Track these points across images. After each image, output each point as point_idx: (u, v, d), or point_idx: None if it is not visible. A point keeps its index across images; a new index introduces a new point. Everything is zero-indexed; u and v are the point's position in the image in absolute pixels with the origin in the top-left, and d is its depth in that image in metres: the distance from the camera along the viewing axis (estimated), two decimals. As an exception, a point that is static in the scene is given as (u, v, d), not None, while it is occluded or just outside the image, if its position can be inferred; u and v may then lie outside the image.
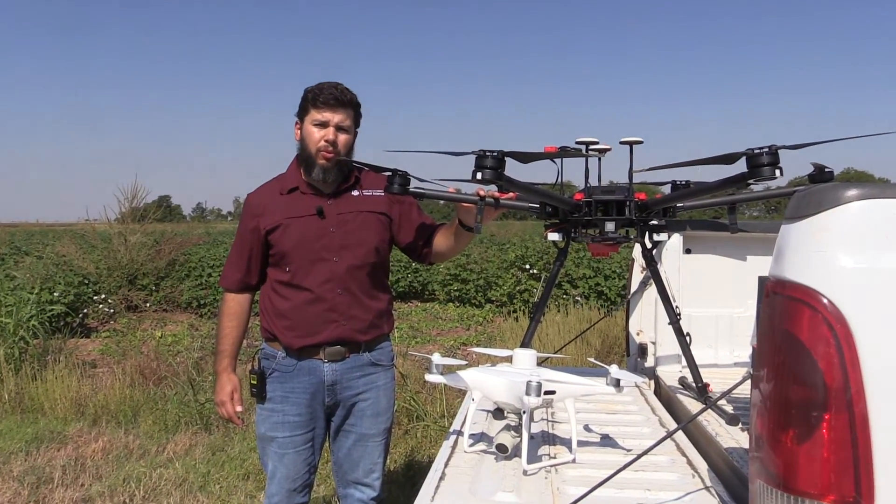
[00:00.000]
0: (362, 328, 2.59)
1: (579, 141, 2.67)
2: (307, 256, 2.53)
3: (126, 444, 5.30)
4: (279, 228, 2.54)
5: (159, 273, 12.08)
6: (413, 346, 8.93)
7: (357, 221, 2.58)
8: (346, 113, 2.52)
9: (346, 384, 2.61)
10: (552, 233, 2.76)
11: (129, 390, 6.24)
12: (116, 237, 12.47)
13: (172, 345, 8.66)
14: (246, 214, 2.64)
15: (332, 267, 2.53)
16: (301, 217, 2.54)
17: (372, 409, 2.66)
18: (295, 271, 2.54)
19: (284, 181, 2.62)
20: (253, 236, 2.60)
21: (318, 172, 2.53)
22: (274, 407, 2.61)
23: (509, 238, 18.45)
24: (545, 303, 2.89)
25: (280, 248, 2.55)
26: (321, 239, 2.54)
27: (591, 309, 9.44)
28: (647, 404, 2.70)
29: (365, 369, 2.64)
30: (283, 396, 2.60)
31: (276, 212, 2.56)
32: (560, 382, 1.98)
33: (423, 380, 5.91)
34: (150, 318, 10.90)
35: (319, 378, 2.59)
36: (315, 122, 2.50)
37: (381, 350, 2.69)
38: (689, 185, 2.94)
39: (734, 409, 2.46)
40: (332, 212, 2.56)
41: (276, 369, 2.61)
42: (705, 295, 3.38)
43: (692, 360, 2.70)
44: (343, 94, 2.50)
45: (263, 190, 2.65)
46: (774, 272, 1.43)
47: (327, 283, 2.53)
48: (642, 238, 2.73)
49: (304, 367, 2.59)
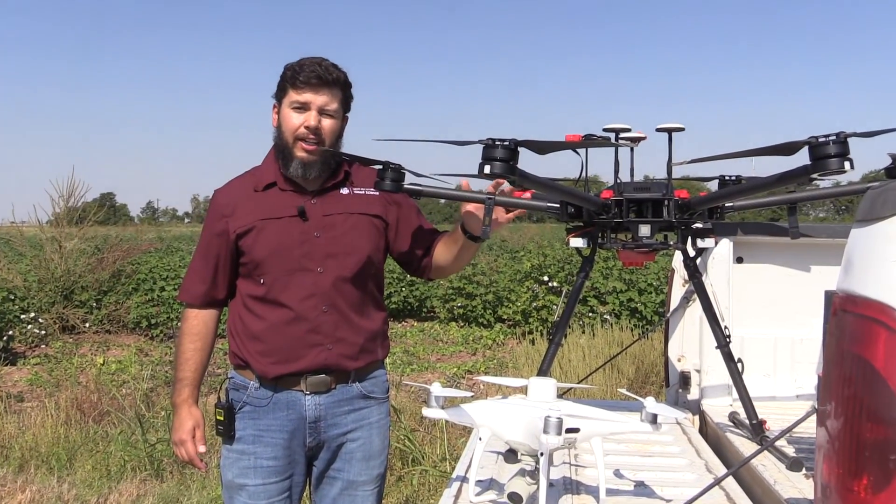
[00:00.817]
0: (352, 353, 2.59)
1: (608, 128, 2.68)
2: (286, 266, 2.52)
3: (59, 495, 5.28)
4: (252, 232, 2.53)
5: (101, 286, 12.10)
6: (408, 374, 8.93)
7: (346, 225, 2.58)
8: (332, 94, 2.51)
9: (331, 421, 2.60)
10: (575, 238, 2.76)
11: (63, 429, 6.24)
12: (49, 243, 12.49)
13: (117, 373, 8.66)
14: (212, 215, 2.63)
15: (315, 279, 2.53)
16: (279, 219, 2.53)
17: (363, 452, 2.65)
18: (271, 284, 2.53)
19: (259, 176, 2.61)
20: (220, 241, 2.58)
21: (296, 167, 2.52)
22: (244, 448, 2.59)
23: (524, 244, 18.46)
24: (567, 322, 2.89)
25: (253, 256, 2.54)
26: (303, 245, 2.53)
27: (622, 330, 9.44)
28: (691, 445, 2.70)
29: (354, 403, 2.63)
30: (255, 436, 2.58)
31: (248, 212, 2.55)
32: (585, 418, 1.98)
33: (420, 415, 5.90)
34: (91, 342, 10.91)
35: (300, 413, 2.57)
36: (294, 105, 2.50)
37: (373, 380, 2.68)
38: (741, 180, 2.94)
39: (796, 451, 2.46)
40: (316, 213, 2.56)
41: (248, 403, 2.60)
42: (760, 313, 3.38)
43: (745, 391, 2.69)
44: (328, 71, 2.49)
45: (234, 186, 2.64)
46: (843, 285, 1.43)
47: (310, 299, 2.52)
48: (684, 244, 2.74)
49: (282, 401, 2.57)
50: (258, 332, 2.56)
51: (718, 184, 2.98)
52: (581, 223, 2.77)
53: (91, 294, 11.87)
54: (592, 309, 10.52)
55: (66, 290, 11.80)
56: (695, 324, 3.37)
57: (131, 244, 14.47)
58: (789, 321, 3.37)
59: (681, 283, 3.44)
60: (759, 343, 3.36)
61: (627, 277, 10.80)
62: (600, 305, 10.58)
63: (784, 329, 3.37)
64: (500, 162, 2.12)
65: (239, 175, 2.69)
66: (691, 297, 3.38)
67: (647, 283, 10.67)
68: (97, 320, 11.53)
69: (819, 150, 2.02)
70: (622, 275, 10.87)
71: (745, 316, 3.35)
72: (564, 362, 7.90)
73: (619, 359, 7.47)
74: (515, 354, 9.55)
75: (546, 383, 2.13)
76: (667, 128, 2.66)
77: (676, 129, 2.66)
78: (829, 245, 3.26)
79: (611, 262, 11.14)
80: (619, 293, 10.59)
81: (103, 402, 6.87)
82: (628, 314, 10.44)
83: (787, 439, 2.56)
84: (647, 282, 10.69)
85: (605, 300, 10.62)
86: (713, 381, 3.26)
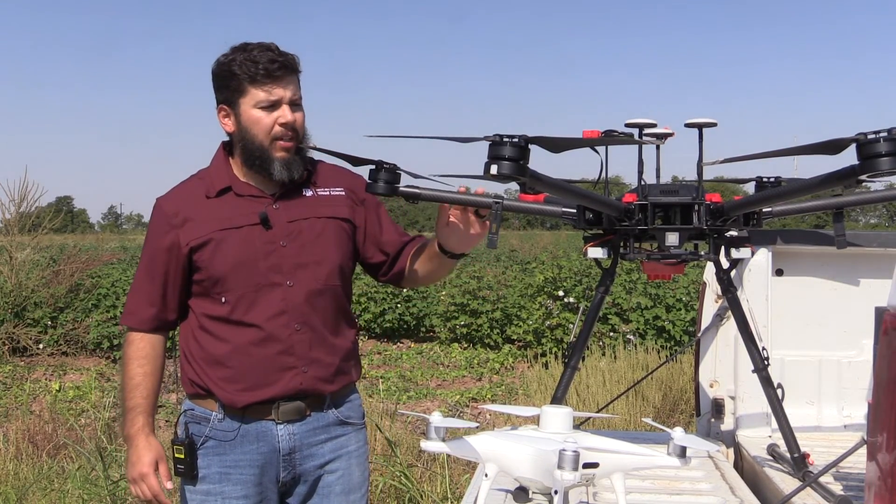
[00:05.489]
0: (327, 376, 2.60)
1: (630, 123, 2.69)
2: (251, 281, 2.52)
3: (10, 538, 5.28)
4: (209, 245, 2.53)
5: (57, 303, 12.10)
6: (405, 402, 8.92)
7: (314, 231, 2.59)
8: (295, 82, 2.54)
9: (307, 452, 2.61)
10: (594, 247, 2.77)
11: (13, 464, 6.23)
12: (-2, 253, 12.50)
13: (75, 401, 8.66)
14: (157, 226, 2.60)
15: (285, 294, 2.54)
16: (238, 228, 2.53)
17: (342, 485, 2.67)
18: (235, 303, 2.53)
19: (210, 180, 2.60)
20: (169, 256, 2.56)
21: (279, 170, 2.52)
22: (209, 489, 2.58)
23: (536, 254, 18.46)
24: (585, 343, 2.89)
25: (211, 272, 2.53)
26: (269, 257, 2.53)
27: (647, 352, 9.43)
28: (725, 482, 2.70)
29: (331, 430, 2.64)
30: (221, 473, 2.57)
31: (202, 222, 2.54)
32: (605, 452, 1.99)
33: (418, 448, 5.89)
34: (45, 365, 10.91)
35: (272, 446, 2.58)
36: (261, 105, 2.48)
37: (350, 404, 2.71)
38: (780, 182, 2.95)
39: (844, 488, 2.46)
40: (279, 219, 2.57)
41: (211, 437, 2.59)
42: (803, 332, 3.38)
43: (786, 421, 2.69)
44: (285, 57, 2.50)
45: (180, 192, 2.63)
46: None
47: (280, 317, 2.53)
48: (717, 255, 2.74)
49: (251, 432, 2.57)
50: (221, 356, 2.56)
51: (755, 186, 2.99)
52: (600, 231, 2.77)
53: (45, 311, 11.86)
54: (614, 328, 10.51)
55: (16, 306, 11.80)
56: (729, 345, 3.37)
57: (91, 255, 14.49)
58: (835, 341, 3.37)
59: (713, 299, 3.44)
60: (801, 366, 3.36)
61: (653, 292, 10.80)
62: (623, 324, 10.57)
63: (829, 350, 3.37)
64: (508, 161, 2.13)
65: (184, 180, 2.67)
66: (725, 315, 3.38)
67: (675, 299, 10.66)
68: (52, 341, 11.52)
69: (868, 149, 2.02)
70: (647, 289, 10.86)
71: (786, 335, 3.35)
72: (582, 388, 7.90)
73: (644, 384, 7.46)
74: (526, 380, 9.54)
75: (561, 412, 2.13)
76: (697, 123, 2.67)
77: (708, 124, 2.67)
78: (881, 255, 3.26)
79: (634, 274, 11.13)
80: (644, 310, 10.59)
81: (59, 433, 6.86)
82: (654, 334, 10.43)
83: (834, 475, 2.56)
84: (675, 297, 10.69)
85: (628, 318, 10.62)
86: (750, 410, 3.26)
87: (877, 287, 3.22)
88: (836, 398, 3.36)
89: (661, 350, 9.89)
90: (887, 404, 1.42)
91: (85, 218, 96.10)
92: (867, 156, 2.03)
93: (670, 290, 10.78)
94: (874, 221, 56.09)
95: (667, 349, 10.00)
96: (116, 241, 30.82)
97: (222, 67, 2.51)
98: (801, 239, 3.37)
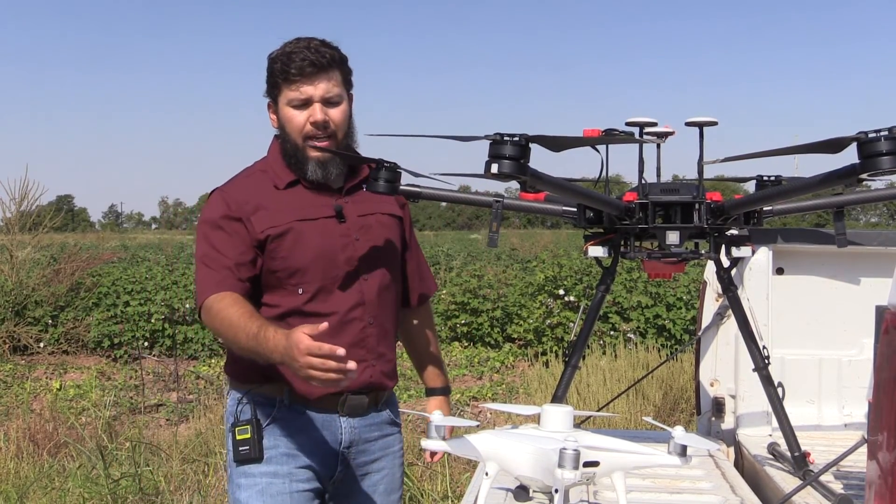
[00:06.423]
0: (390, 371, 2.63)
1: (631, 122, 2.69)
2: (330, 274, 2.50)
3: (11, 537, 5.29)
4: (289, 234, 2.47)
5: (58, 301, 12.09)
6: (405, 400, 8.92)
7: (381, 226, 2.61)
8: (331, 78, 2.48)
9: (361, 447, 2.61)
10: (594, 246, 2.77)
11: (13, 463, 6.23)
12: (-1, 252, 12.50)
13: (75, 399, 8.66)
14: (223, 216, 2.47)
15: (361, 287, 2.54)
16: (314, 220, 2.51)
17: (386, 484, 2.67)
18: (314, 294, 2.49)
19: (276, 172, 2.55)
20: (241, 236, 2.44)
21: (313, 170, 2.49)
22: (276, 469, 2.48)
23: (536, 253, 18.47)
24: (585, 342, 2.89)
25: (291, 263, 2.47)
26: (345, 249, 2.52)
27: (648, 350, 9.43)
28: (725, 480, 2.70)
29: (383, 429, 2.66)
30: (288, 455, 2.50)
31: (278, 212, 2.48)
32: (606, 450, 1.99)
33: (418, 447, 5.89)
34: (45, 364, 10.90)
35: (334, 437, 2.55)
36: (293, 104, 2.46)
37: (395, 406, 2.74)
38: (781, 181, 2.95)
39: (844, 487, 2.46)
40: (351, 213, 2.56)
41: (279, 418, 2.53)
42: (803, 331, 3.38)
43: (786, 420, 2.69)
44: (320, 53, 2.45)
45: (246, 183, 2.56)
46: (896, 300, 1.44)
47: (356, 310, 2.52)
48: (717, 253, 2.75)
49: (317, 421, 2.54)
50: None
51: (756, 185, 2.99)
52: (601, 230, 2.78)
53: (46, 310, 11.86)
54: (614, 327, 10.51)
55: (17, 305, 11.79)
56: (729, 343, 3.37)
57: (92, 253, 14.47)
58: (836, 340, 3.37)
59: (714, 298, 3.44)
60: (801, 365, 3.37)
61: (654, 291, 10.79)
62: (623, 323, 10.57)
63: (830, 349, 3.37)
64: (509, 160, 2.13)
65: (243, 172, 2.61)
66: (725, 314, 3.38)
67: (675, 298, 10.66)
68: (53, 339, 11.52)
69: (869, 147, 2.03)
70: (648, 288, 10.86)
71: (786, 334, 3.35)
72: (582, 387, 7.90)
73: (645, 383, 7.46)
74: (527, 378, 9.54)
75: (561, 411, 2.13)
76: (698, 122, 2.67)
77: (709, 123, 2.67)
78: (881, 254, 3.26)
79: (635, 273, 11.13)
80: (645, 309, 10.58)
81: (60, 432, 6.86)
82: (655, 333, 10.43)
83: (834, 473, 2.56)
84: (675, 296, 10.68)
85: (628, 317, 10.61)
86: (750, 409, 3.26)
87: (877, 286, 3.22)
88: (837, 397, 3.37)
89: (662, 349, 9.88)
90: (888, 403, 1.42)
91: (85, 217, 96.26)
92: (868, 154, 2.03)
93: (671, 288, 10.77)
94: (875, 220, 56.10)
95: (667, 348, 10.00)
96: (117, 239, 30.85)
97: (269, 64, 2.50)
98: (801, 238, 3.37)
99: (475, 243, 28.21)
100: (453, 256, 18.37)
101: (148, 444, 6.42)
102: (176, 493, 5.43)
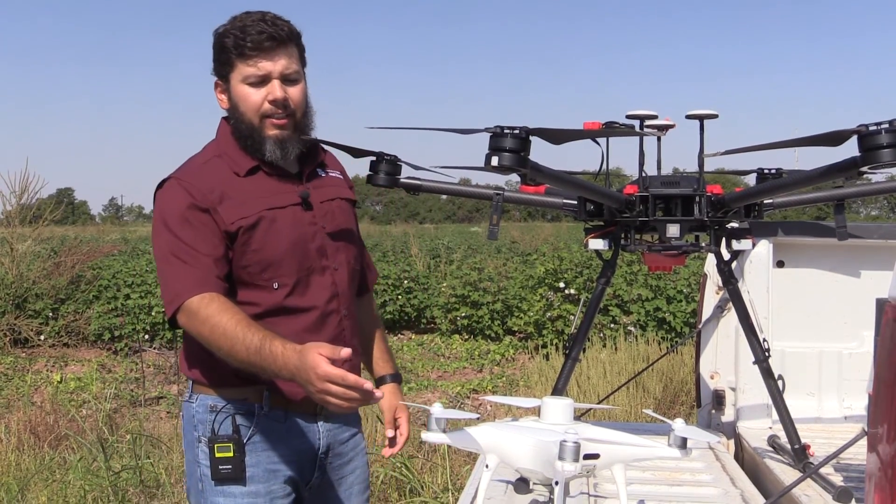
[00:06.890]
0: (359, 364, 2.51)
1: (631, 115, 2.69)
2: (304, 265, 2.36)
3: (12, 529, 5.30)
4: (261, 224, 2.30)
5: (58, 294, 12.10)
6: (405, 393, 8.91)
7: (343, 212, 2.50)
8: (289, 53, 2.32)
9: (337, 450, 2.51)
10: (595, 239, 2.77)
11: (14, 455, 6.24)
12: (-1, 245, 12.50)
13: (76, 392, 8.67)
14: (187, 208, 2.28)
15: (334, 278, 2.42)
16: (284, 208, 2.35)
17: (360, 483, 2.59)
18: (292, 288, 2.35)
19: (232, 158, 2.37)
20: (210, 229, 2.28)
21: (272, 150, 2.32)
22: (257, 489, 2.35)
23: (536, 246, 18.47)
24: (585, 335, 2.89)
25: (264, 255, 2.31)
26: (315, 238, 2.39)
27: (648, 343, 9.44)
28: (725, 473, 2.70)
29: (352, 427, 2.56)
30: (269, 471, 2.37)
31: (244, 201, 2.31)
32: (606, 443, 1.99)
33: (418, 439, 5.90)
34: (46, 356, 10.91)
35: (313, 444, 2.44)
36: (249, 80, 2.29)
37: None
38: (781, 174, 2.95)
39: (844, 479, 2.46)
40: (315, 199, 2.42)
41: (258, 431, 2.37)
42: (803, 324, 3.38)
43: (786, 412, 2.70)
44: (278, 27, 2.29)
45: (204, 170, 2.35)
46: (896, 293, 1.44)
47: (332, 302, 2.41)
48: (718, 246, 2.75)
49: (296, 427, 2.40)
50: None
51: (757, 178, 2.99)
52: (601, 222, 2.78)
53: (46, 303, 11.87)
54: (614, 319, 10.52)
55: (17, 298, 11.80)
56: (730, 336, 3.37)
57: (92, 246, 14.49)
58: (836, 333, 3.37)
59: (714, 291, 3.44)
60: (802, 358, 3.37)
61: (654, 284, 10.80)
62: (623, 315, 10.57)
63: (830, 342, 3.38)
64: (509, 153, 2.13)
65: (198, 158, 2.42)
66: (726, 307, 3.38)
67: (676, 291, 10.66)
68: (53, 332, 11.52)
69: (869, 140, 2.03)
70: (648, 281, 10.86)
71: (787, 327, 3.36)
72: (583, 380, 7.91)
73: (645, 376, 7.47)
74: (527, 371, 9.55)
75: (561, 404, 2.14)
76: (698, 114, 2.67)
77: (709, 115, 2.67)
78: (882, 247, 3.26)
79: (635, 266, 11.13)
80: (645, 301, 10.58)
81: (60, 424, 6.87)
82: (655, 325, 10.43)
83: (834, 466, 2.56)
84: (676, 289, 10.68)
85: (628, 309, 10.61)
86: (750, 401, 3.26)
87: (878, 278, 3.23)
88: (837, 389, 3.37)
89: (662, 341, 9.89)
90: (888, 396, 1.42)
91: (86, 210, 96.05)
92: (868, 147, 2.03)
93: (671, 281, 10.77)
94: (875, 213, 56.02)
95: (667, 341, 10.00)
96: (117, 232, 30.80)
97: (216, 39, 2.33)
98: (802, 230, 3.37)
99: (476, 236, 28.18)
100: (454, 249, 18.36)
101: (149, 436, 6.42)
102: (176, 485, 5.43)
